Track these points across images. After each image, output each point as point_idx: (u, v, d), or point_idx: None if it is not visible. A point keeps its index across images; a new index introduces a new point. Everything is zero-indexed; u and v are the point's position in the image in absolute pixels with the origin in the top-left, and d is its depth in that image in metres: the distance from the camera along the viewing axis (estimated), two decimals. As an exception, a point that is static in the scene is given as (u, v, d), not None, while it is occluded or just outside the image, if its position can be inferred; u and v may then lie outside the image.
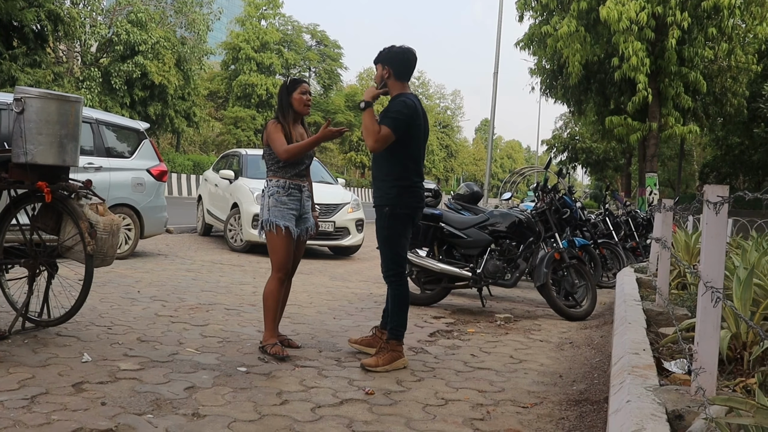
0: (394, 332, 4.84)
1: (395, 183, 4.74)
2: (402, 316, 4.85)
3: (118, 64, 32.61)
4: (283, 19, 56.38)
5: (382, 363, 4.71)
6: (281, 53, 53.75)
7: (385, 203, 4.76)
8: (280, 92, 5.09)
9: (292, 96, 5.04)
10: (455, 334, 6.12)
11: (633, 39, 20.36)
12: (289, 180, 4.99)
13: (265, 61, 50.94)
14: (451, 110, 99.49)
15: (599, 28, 21.73)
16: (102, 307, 6.00)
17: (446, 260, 7.53)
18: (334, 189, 12.35)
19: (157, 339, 5.03)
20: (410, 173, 4.78)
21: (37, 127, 4.71)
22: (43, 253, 5.04)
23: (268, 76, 50.96)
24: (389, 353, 4.76)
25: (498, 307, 7.80)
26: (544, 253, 7.45)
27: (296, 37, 57.12)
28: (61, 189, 4.86)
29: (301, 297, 7.50)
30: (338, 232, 11.46)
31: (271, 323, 4.95)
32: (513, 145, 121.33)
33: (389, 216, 4.76)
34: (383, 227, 4.80)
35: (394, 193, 4.74)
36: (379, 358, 4.75)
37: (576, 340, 6.09)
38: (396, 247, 4.82)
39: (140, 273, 8.26)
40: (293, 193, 5.00)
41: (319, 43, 59.61)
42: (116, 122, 9.63)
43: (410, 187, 4.78)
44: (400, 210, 4.75)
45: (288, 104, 5.05)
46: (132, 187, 9.39)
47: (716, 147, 35.94)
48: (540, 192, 8.02)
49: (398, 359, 4.78)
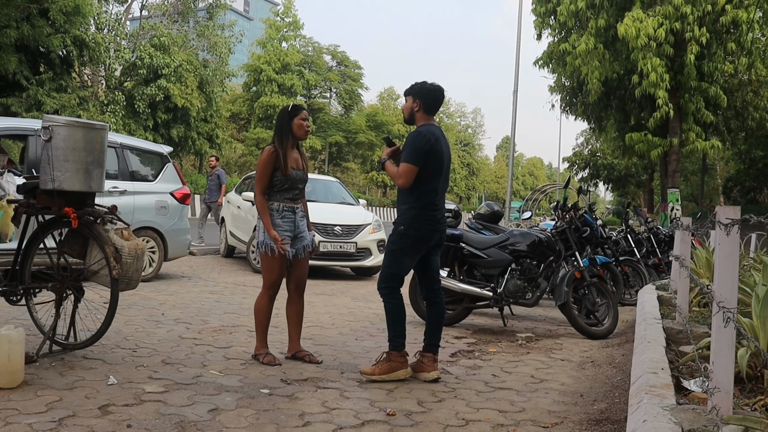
0: (392, 342, 5.06)
1: (413, 206, 4.99)
2: (398, 326, 5.07)
3: (141, 88, 33.04)
4: (304, 41, 56.89)
5: (379, 372, 4.94)
6: (302, 74, 54.18)
7: (401, 222, 5.01)
8: (281, 117, 5.35)
9: (294, 121, 5.32)
10: (476, 354, 6.13)
11: (652, 55, 20.33)
12: (283, 203, 5.29)
13: (286, 82, 51.34)
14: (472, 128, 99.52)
15: (618, 45, 21.72)
16: (127, 330, 6.09)
17: (467, 280, 7.55)
18: (356, 210, 12.42)
19: (181, 361, 5.11)
20: (429, 199, 5.00)
21: (64, 154, 4.84)
22: (69, 277, 5.13)
23: (289, 98, 51.33)
24: (388, 363, 4.98)
25: (519, 327, 7.80)
26: (565, 272, 7.44)
27: (317, 58, 57.56)
28: (87, 214, 4.97)
29: (323, 318, 7.55)
30: (360, 253, 11.51)
31: (261, 335, 5.33)
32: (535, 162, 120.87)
33: (401, 233, 5.01)
34: (391, 242, 5.06)
35: (411, 215, 4.98)
36: (376, 367, 4.98)
37: (597, 359, 6.08)
38: (398, 265, 5.05)
39: (164, 295, 8.36)
40: (287, 215, 5.30)
41: (339, 63, 60.02)
42: (140, 146, 9.79)
43: (427, 211, 5.00)
44: (413, 231, 4.98)
45: (288, 129, 5.32)
46: (156, 210, 9.53)
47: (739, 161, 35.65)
48: (560, 211, 8.03)
49: (398, 369, 4.98)
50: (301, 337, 6.18)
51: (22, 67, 26.32)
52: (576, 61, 22.32)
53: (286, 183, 5.29)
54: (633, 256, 10.94)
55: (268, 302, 5.33)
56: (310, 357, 5.39)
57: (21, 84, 26.41)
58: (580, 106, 27.84)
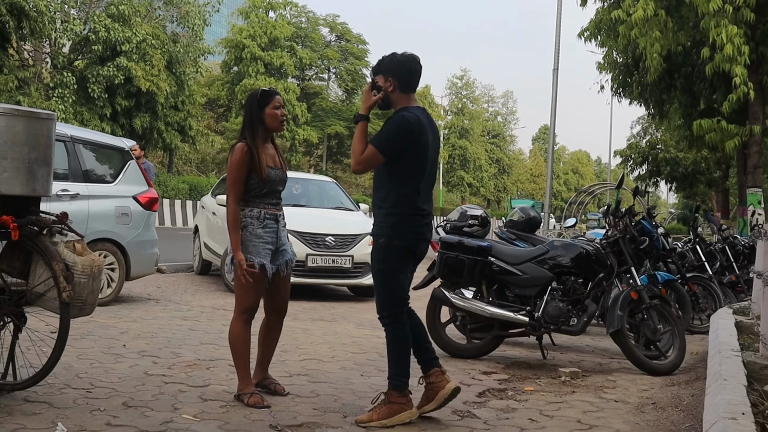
0: (393, 381, 5.07)
1: (391, 210, 5.01)
2: (401, 363, 5.07)
3: (96, 68, 33.09)
4: (296, 10, 57.04)
5: (378, 417, 4.94)
6: (294, 51, 54.28)
7: (381, 233, 5.04)
8: (249, 106, 5.39)
9: (265, 111, 5.35)
10: (510, 394, 6.12)
11: (727, 22, 20.20)
12: (265, 210, 5.34)
13: (274, 61, 51.45)
14: (502, 116, 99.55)
15: (684, 10, 21.64)
16: (80, 366, 6.10)
17: (497, 302, 7.53)
18: (353, 217, 12.44)
19: (147, 404, 5.10)
20: (410, 199, 5.02)
21: (1, 150, 4.85)
22: (8, 302, 5.13)
23: (278, 80, 51.42)
24: (388, 406, 4.97)
25: (562, 360, 7.77)
26: (619, 292, 7.42)
27: (312, 31, 57.71)
28: (30, 224, 4.97)
29: (322, 349, 7.55)
30: (357, 269, 11.44)
31: (243, 370, 5.33)
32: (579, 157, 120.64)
33: (383, 247, 5.03)
34: (377, 260, 5.09)
35: (390, 222, 5.01)
36: (374, 412, 4.97)
37: (660, 400, 6.05)
38: (392, 284, 5.07)
39: (126, 322, 8.38)
40: (269, 224, 5.36)
41: (339, 38, 60.12)
42: (96, 140, 9.83)
43: (409, 216, 5.02)
44: (398, 242, 5.00)
45: (259, 121, 5.35)
46: (115, 219, 9.56)
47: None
48: (611, 217, 8.01)
49: (401, 412, 4.98)
50: (297, 373, 6.26)
51: (-56, 42, 26.42)
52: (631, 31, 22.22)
53: (265, 186, 5.35)
54: (703, 272, 10.89)
55: (243, 328, 5.36)
56: (276, 386, 5.54)
57: (-58, 64, 26.51)
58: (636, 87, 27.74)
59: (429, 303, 7.77)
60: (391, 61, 5.09)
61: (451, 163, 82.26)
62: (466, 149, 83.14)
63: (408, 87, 5.11)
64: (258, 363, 5.63)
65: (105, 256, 9.39)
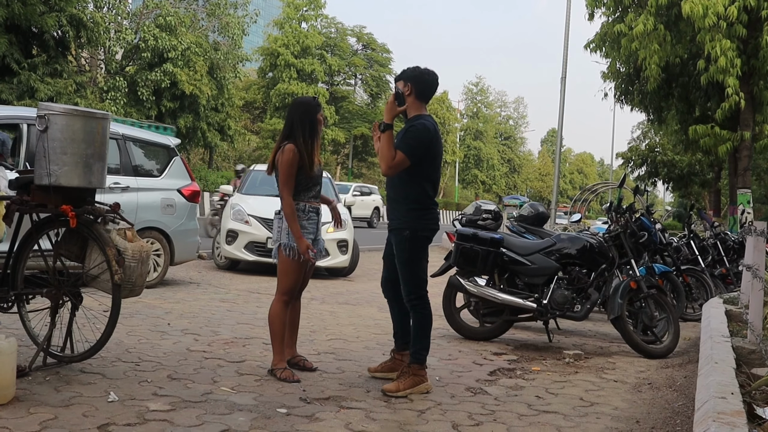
0: (416, 356, 5.24)
1: (414, 206, 5.24)
2: (425, 339, 5.28)
3: (145, 73, 33.35)
4: (326, 21, 57.13)
5: (404, 387, 5.09)
6: (324, 59, 54.38)
7: (405, 226, 5.22)
8: (306, 111, 5.48)
9: (317, 117, 5.50)
10: (518, 373, 6.12)
11: (721, 37, 20.04)
12: (308, 203, 5.46)
13: (306, 67, 51.57)
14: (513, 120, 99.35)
15: (681, 25, 21.46)
16: (129, 342, 6.16)
17: (508, 290, 7.53)
18: None
19: (189, 377, 5.15)
20: (427, 196, 5.27)
21: (62, 146, 4.89)
22: (66, 283, 5.19)
23: (309, 84, 51.56)
24: (411, 377, 5.15)
25: (566, 343, 7.76)
26: (619, 282, 7.39)
27: (340, 40, 57.78)
28: (86, 213, 5.02)
29: (347, 330, 7.58)
30: None
31: (279, 347, 5.42)
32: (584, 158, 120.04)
33: (410, 239, 5.22)
34: (404, 250, 5.25)
35: (413, 216, 5.23)
36: (400, 382, 5.13)
37: (655, 381, 6.03)
38: (417, 270, 5.27)
39: (170, 303, 8.44)
40: (312, 216, 5.50)
41: (365, 47, 60.15)
42: (144, 138, 9.89)
43: (429, 209, 5.28)
44: (421, 233, 5.23)
45: (314, 124, 5.47)
46: (161, 209, 9.62)
47: (821, 158, 35.07)
48: (613, 213, 7.98)
49: (421, 383, 5.17)
50: (324, 351, 6.33)
51: (13, 49, 26.59)
52: (633, 44, 22.08)
53: (310, 182, 5.46)
54: (697, 265, 10.84)
55: (283, 309, 5.46)
56: (305, 362, 5.63)
57: (11, 68, 26.65)
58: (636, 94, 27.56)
59: (445, 289, 7.78)
60: (414, 71, 5.32)
61: (466, 162, 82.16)
62: (480, 150, 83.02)
63: (423, 96, 5.32)
64: (286, 342, 5.66)
65: (152, 243, 9.46)
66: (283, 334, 5.44)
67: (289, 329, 5.65)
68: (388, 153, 5.09)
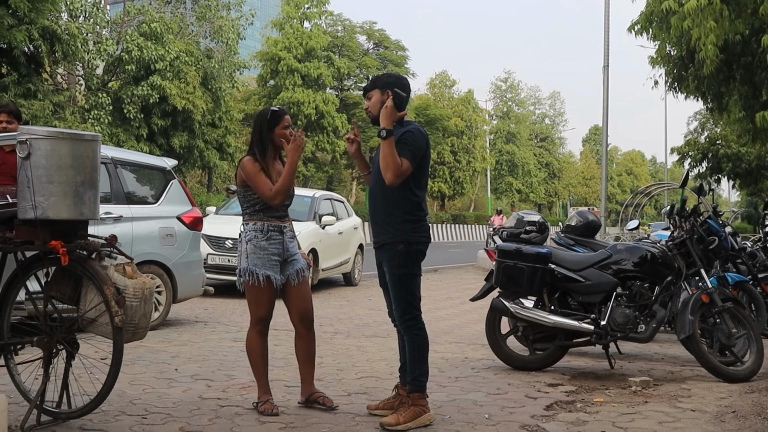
0: (415, 383, 5.39)
1: (407, 217, 5.42)
2: (424, 363, 5.44)
3: (130, 88, 33.48)
4: (332, 19, 57.21)
5: (404, 420, 5.20)
6: (331, 61, 54.45)
7: (399, 240, 5.39)
8: (259, 125, 5.74)
9: (274, 132, 5.70)
10: (579, 406, 6.09)
11: (789, 7, 19.94)
12: (268, 222, 5.65)
13: (311, 72, 51.60)
14: (549, 118, 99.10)
15: (739, -3, 21.39)
16: (133, 392, 6.17)
17: (560, 311, 7.50)
18: None
19: (204, 428, 5.15)
20: (420, 206, 5.49)
21: (48, 174, 4.91)
22: (60, 329, 5.20)
23: (316, 91, 51.58)
24: (412, 408, 5.27)
25: (631, 369, 7.70)
26: (688, 296, 7.34)
27: (349, 39, 57.85)
28: (79, 248, 5.03)
29: (379, 367, 7.56)
30: None
31: (260, 379, 5.74)
32: (633, 157, 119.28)
33: (404, 254, 5.39)
34: (398, 266, 5.40)
35: (408, 228, 5.41)
36: (400, 414, 5.24)
37: (740, 409, 5.97)
38: (412, 288, 5.46)
39: (176, 346, 8.46)
40: (273, 236, 5.67)
41: (377, 45, 60.27)
42: (137, 161, 9.97)
43: (420, 220, 5.48)
44: (415, 246, 5.42)
45: (269, 140, 5.70)
46: (160, 240, 9.66)
47: None
48: (676, 217, 7.93)
49: (422, 414, 5.29)
50: (355, 391, 6.35)
51: (-23, 69, 26.83)
52: (684, 22, 21.87)
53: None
54: (776, 272, 10.71)
55: (258, 339, 5.78)
56: (325, 399, 5.77)
57: (-23, 90, 26.88)
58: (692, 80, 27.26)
59: (488, 314, 7.73)
60: (389, 77, 5.75)
61: (499, 170, 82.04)
62: (514, 154, 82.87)
63: (404, 104, 5.52)
64: (302, 379, 5.85)
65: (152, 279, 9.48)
66: (262, 365, 5.75)
67: (301, 364, 5.85)
68: (394, 161, 5.24)
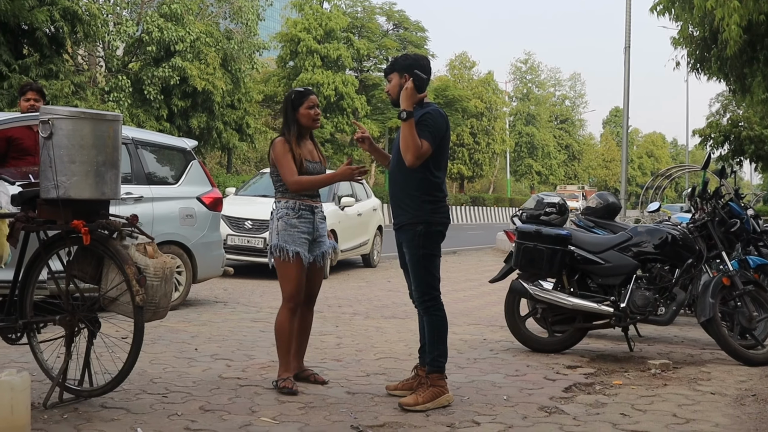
0: (435, 363, 5.44)
1: (426, 198, 5.46)
2: (443, 344, 5.49)
3: (151, 69, 33.50)
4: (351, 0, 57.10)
5: (423, 401, 5.25)
6: (351, 42, 54.33)
7: (418, 220, 5.43)
8: (285, 106, 5.85)
9: (299, 111, 5.79)
10: (598, 388, 6.08)
11: (814, -14, 19.70)
12: (300, 201, 5.72)
13: (331, 53, 51.47)
14: (570, 100, 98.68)
15: (764, -24, 21.16)
16: (154, 371, 6.22)
17: (579, 293, 7.48)
18: None
19: (224, 407, 5.18)
20: (440, 187, 5.53)
21: (70, 154, 4.94)
22: (81, 307, 5.24)
23: (336, 72, 51.44)
24: (431, 389, 5.31)
25: (651, 351, 7.69)
26: (709, 279, 7.31)
27: (368, 20, 57.66)
28: (101, 228, 5.06)
29: (398, 348, 7.58)
30: None
31: (284, 357, 5.77)
32: (654, 140, 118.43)
33: (424, 235, 5.43)
34: (418, 247, 5.44)
35: (428, 209, 5.45)
36: (418, 395, 5.29)
37: (761, 392, 5.96)
38: (431, 269, 5.51)
39: (196, 326, 8.51)
40: (304, 215, 5.74)
41: (397, 26, 60.07)
42: (157, 141, 9.99)
43: (442, 202, 5.53)
44: (435, 227, 5.47)
45: (294, 120, 5.79)
46: (180, 220, 9.69)
47: None
48: (698, 199, 7.89)
49: (441, 395, 5.33)
50: (374, 372, 6.39)
51: (1, 50, 26.89)
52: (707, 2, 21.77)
53: None
54: (798, 255, 10.64)
55: (289, 317, 5.79)
56: (315, 376, 5.90)
57: (0, 72, 26.99)
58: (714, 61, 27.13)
59: (507, 296, 7.73)
60: (407, 58, 5.65)
61: (518, 152, 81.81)
62: (534, 136, 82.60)
63: (424, 86, 5.48)
64: (293, 354, 5.90)
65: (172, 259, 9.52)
66: (290, 345, 5.75)
67: (297, 340, 5.92)
68: (414, 142, 5.26)
